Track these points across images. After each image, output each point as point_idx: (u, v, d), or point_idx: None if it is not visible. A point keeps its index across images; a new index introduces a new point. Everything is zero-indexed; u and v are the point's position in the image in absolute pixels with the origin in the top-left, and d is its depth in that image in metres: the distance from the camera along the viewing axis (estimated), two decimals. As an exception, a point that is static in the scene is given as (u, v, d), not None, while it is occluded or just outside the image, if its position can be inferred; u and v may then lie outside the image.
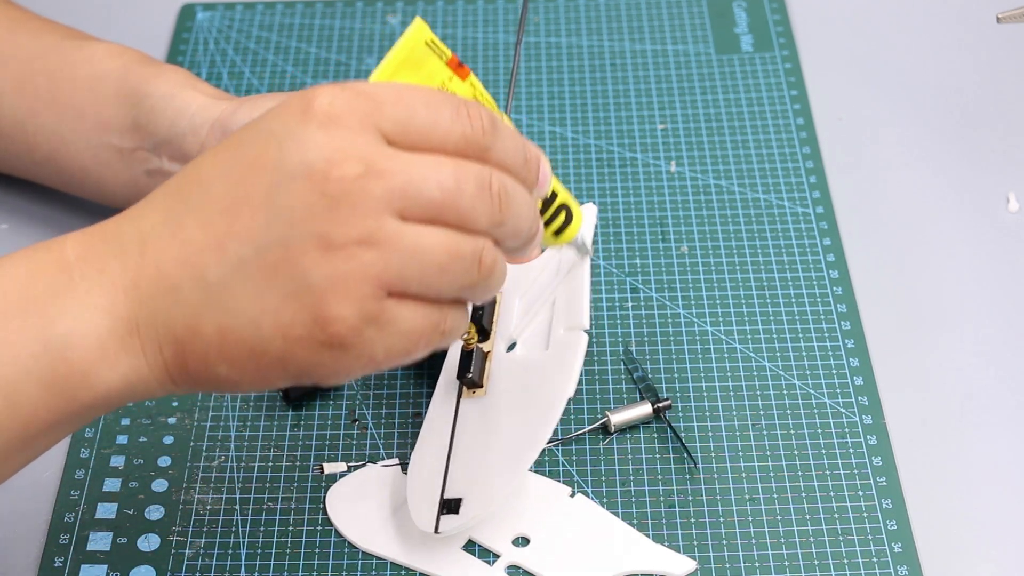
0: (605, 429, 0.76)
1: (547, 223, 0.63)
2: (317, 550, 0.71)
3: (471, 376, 0.74)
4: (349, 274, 0.56)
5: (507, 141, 0.59)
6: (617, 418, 0.75)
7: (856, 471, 0.74)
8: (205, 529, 0.72)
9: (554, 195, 0.63)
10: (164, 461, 0.75)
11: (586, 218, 0.76)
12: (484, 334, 0.75)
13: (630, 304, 0.82)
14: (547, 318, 0.76)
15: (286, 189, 0.56)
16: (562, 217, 0.63)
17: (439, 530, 0.69)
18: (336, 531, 0.72)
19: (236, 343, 0.57)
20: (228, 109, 0.78)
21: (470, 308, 0.62)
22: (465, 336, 0.74)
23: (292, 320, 0.56)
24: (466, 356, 0.74)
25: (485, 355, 0.75)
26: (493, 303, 0.77)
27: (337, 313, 0.56)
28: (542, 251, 0.74)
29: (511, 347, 0.76)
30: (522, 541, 0.71)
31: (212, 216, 0.57)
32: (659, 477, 0.74)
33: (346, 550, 0.71)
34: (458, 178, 0.57)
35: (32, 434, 0.58)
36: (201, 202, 0.57)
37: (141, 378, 0.58)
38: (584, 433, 0.76)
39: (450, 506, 0.69)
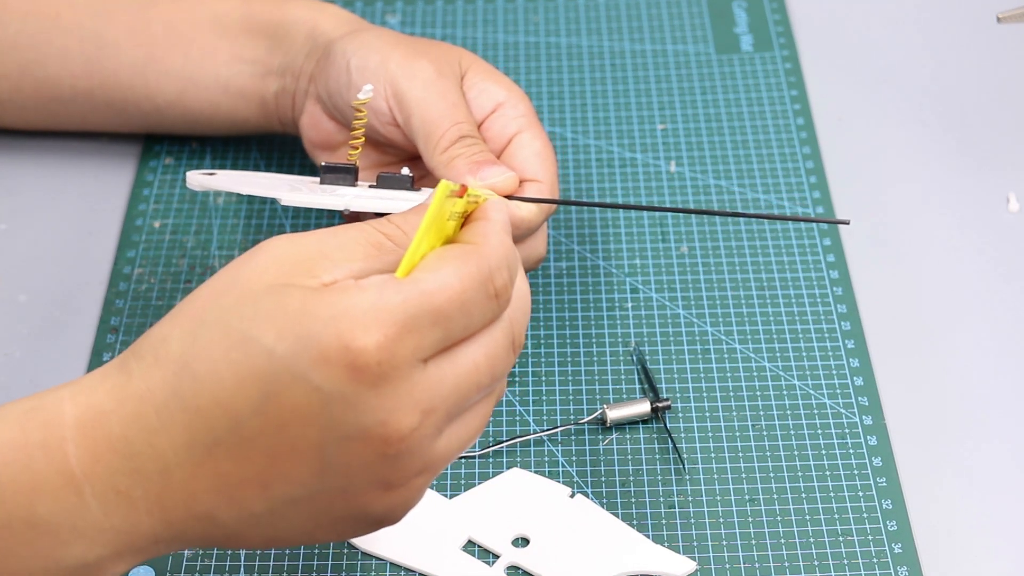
0: (603, 423, 0.76)
1: None
2: (317, 550, 0.71)
3: (325, 175, 0.74)
4: (410, 498, 0.57)
5: (520, 285, 0.59)
6: (614, 413, 0.75)
7: (856, 471, 0.74)
8: (205, 529, 0.72)
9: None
10: (164, 461, 0.75)
11: None
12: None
13: (630, 304, 0.82)
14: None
15: (340, 447, 0.54)
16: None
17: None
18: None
19: (284, 544, 0.58)
20: (344, 34, 0.80)
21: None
22: (353, 149, 0.75)
23: (350, 532, 0.58)
24: (341, 167, 0.74)
25: (351, 184, 0.75)
26: (405, 184, 0.76)
27: (400, 512, 0.58)
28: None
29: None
30: (522, 541, 0.71)
31: (248, 453, 0.54)
32: (659, 477, 0.74)
33: (346, 550, 0.71)
34: (494, 372, 0.57)
35: None
36: (232, 436, 0.54)
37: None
38: (582, 424, 0.76)
39: None
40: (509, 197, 0.73)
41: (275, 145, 0.92)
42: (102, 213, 0.88)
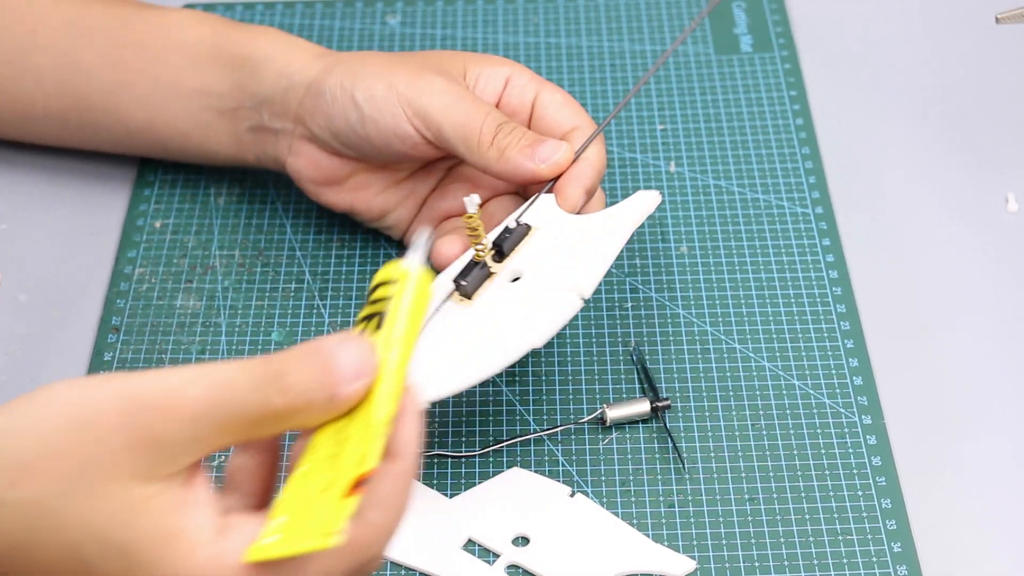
0: (602, 423, 0.76)
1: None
2: (317, 550, 0.71)
3: (464, 284, 0.73)
4: None
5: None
6: (614, 413, 0.75)
7: (856, 471, 0.74)
8: (205, 529, 0.72)
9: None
10: (164, 461, 0.75)
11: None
12: (500, 256, 0.74)
13: (630, 304, 0.82)
14: (563, 267, 0.74)
15: None
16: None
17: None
18: (336, 531, 0.72)
19: None
20: (323, 70, 0.79)
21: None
22: (479, 248, 0.74)
23: None
24: (471, 265, 0.74)
25: (488, 275, 0.74)
26: (524, 233, 0.75)
27: None
28: None
29: (516, 279, 0.75)
30: (522, 541, 0.71)
31: None
32: (659, 477, 0.74)
33: (346, 550, 0.71)
34: None
35: None
36: None
37: None
38: (582, 423, 0.76)
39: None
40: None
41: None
42: (103, 213, 0.88)
